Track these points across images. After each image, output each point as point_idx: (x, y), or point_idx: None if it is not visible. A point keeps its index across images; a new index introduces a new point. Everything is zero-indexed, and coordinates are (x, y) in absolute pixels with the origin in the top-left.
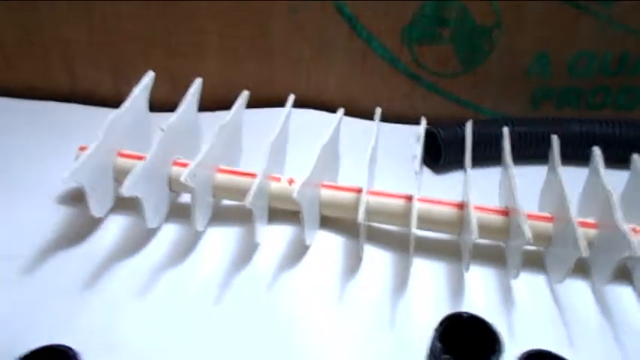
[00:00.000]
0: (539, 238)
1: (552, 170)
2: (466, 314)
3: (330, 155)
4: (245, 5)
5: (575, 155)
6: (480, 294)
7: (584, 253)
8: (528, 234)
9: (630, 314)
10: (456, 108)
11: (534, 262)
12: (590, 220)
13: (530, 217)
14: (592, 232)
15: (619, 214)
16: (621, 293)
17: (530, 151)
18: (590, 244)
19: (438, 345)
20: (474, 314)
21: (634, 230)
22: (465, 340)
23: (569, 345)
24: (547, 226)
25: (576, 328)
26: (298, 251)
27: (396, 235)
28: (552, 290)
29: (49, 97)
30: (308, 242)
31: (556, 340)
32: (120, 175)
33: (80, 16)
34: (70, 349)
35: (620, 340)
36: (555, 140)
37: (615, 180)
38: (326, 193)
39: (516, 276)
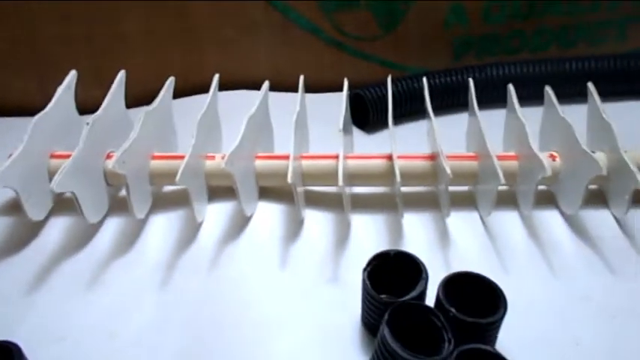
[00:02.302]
0: (466, 176)
1: (472, 114)
2: (393, 251)
3: (261, 127)
4: None
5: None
6: (417, 236)
7: (502, 180)
8: (448, 171)
9: (556, 235)
10: (382, 70)
11: (466, 201)
12: (511, 153)
13: (453, 157)
14: (513, 163)
15: (533, 143)
16: (548, 217)
17: (452, 101)
18: (513, 174)
19: (368, 283)
20: (400, 250)
21: (551, 156)
22: (395, 276)
23: (502, 270)
24: (472, 164)
25: (508, 254)
26: (240, 224)
27: (334, 196)
28: (485, 224)
29: None
30: (248, 213)
31: (491, 267)
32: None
33: None
34: (12, 343)
35: (548, 260)
36: (471, 85)
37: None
38: (259, 164)
39: (447, 215)
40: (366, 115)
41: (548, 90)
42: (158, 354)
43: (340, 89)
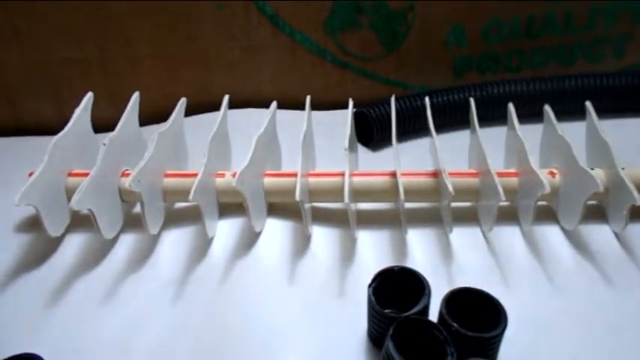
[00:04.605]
0: (468, 192)
1: (473, 132)
2: (396, 267)
3: (269, 146)
4: (172, 17)
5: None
6: (421, 252)
7: (502, 198)
8: (450, 188)
9: (557, 250)
10: (386, 88)
11: (469, 217)
12: (511, 170)
13: (455, 174)
14: (514, 180)
15: (533, 161)
16: (548, 232)
17: (456, 118)
18: (514, 191)
19: (373, 298)
20: (404, 266)
21: (550, 173)
22: (399, 291)
23: (504, 285)
24: (474, 181)
25: (509, 269)
26: (250, 239)
27: (341, 212)
28: (486, 239)
29: None
30: (257, 229)
31: (492, 282)
32: (73, 194)
33: (11, 48)
34: (35, 355)
35: (548, 274)
36: (472, 103)
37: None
38: (268, 181)
39: (453, 231)
40: (370, 132)
41: (547, 108)
42: None
43: (345, 106)
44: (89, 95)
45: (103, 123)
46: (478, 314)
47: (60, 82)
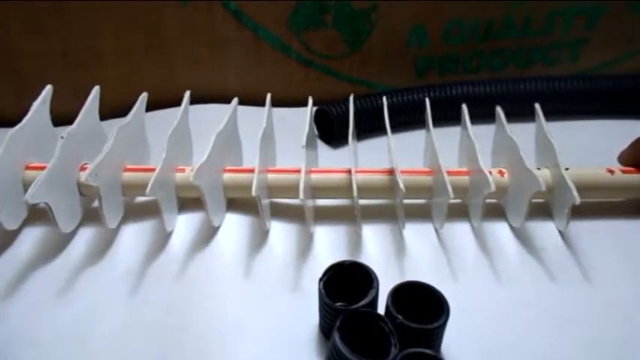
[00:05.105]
0: (421, 190)
1: (428, 131)
2: (347, 262)
3: (230, 142)
4: (135, 11)
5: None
6: (375, 247)
7: (451, 195)
8: (401, 186)
9: (504, 246)
10: (349, 86)
11: (423, 213)
12: (463, 169)
13: (409, 172)
14: (465, 178)
15: (481, 160)
16: (497, 229)
17: (417, 117)
18: (465, 189)
19: (323, 291)
20: (355, 260)
21: (500, 172)
22: (350, 285)
23: (452, 278)
24: (427, 179)
25: (458, 263)
26: (208, 234)
27: (299, 207)
28: (438, 235)
29: None
30: (215, 224)
31: (442, 276)
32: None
33: None
34: None
35: (495, 269)
36: (427, 103)
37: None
38: (227, 177)
39: (407, 227)
40: (332, 130)
41: (499, 110)
42: (125, 359)
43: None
44: (48, 88)
45: (66, 116)
46: (423, 307)
47: (22, 74)
